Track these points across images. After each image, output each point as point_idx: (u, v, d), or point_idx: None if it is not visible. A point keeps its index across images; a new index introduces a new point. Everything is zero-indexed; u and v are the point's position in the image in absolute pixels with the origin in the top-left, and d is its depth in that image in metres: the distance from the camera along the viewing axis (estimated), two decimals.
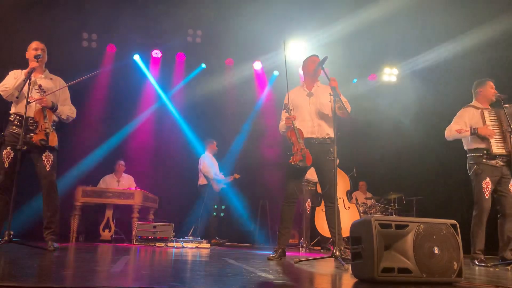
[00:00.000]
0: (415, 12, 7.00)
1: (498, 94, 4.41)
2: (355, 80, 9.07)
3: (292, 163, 3.91)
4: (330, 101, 3.88)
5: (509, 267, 3.75)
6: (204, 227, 6.91)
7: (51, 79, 4.24)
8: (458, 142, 4.63)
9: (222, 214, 7.34)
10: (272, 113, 8.35)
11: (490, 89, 4.50)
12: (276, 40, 7.94)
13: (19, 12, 6.80)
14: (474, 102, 4.58)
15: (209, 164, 7.13)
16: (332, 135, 4.08)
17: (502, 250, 4.28)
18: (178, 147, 8.18)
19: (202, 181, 7.11)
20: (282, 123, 4.18)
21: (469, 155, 4.47)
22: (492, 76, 4.65)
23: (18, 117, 3.99)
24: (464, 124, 4.44)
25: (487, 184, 4.29)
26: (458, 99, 4.98)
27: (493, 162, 4.31)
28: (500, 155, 4.30)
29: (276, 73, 8.92)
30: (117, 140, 7.91)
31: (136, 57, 8.39)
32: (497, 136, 4.33)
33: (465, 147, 4.53)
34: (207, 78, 8.61)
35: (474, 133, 4.34)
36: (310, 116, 4.12)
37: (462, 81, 7.18)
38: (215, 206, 7.15)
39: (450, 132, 4.48)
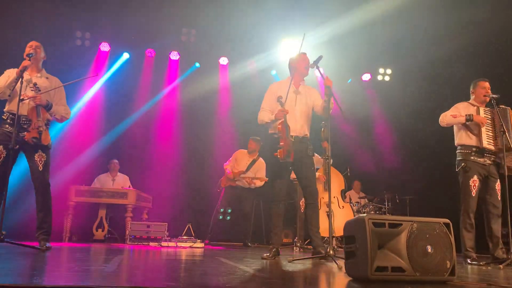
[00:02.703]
0: (410, 11, 7.03)
1: (490, 94, 4.44)
2: (350, 80, 9.10)
3: (278, 156, 3.89)
4: (325, 100, 3.90)
5: (501, 266, 3.77)
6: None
7: (47, 78, 4.22)
8: (452, 141, 4.65)
9: (228, 217, 7.15)
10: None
11: (481, 90, 4.52)
12: (271, 39, 7.95)
13: (12, 10, 6.76)
14: (470, 101, 4.61)
15: (231, 158, 7.07)
16: (308, 134, 4.16)
17: (493, 250, 4.31)
18: (172, 147, 8.16)
19: None
20: (265, 112, 4.16)
21: (458, 151, 4.49)
22: (487, 76, 4.68)
23: (11, 115, 3.96)
24: (459, 113, 4.46)
25: (474, 182, 4.31)
26: (452, 98, 5.00)
27: (481, 160, 4.34)
28: (489, 152, 4.33)
29: (273, 72, 8.91)
30: (111, 139, 7.87)
31: (126, 56, 8.32)
32: (489, 134, 4.36)
33: (456, 142, 4.55)
34: (201, 77, 8.59)
35: (469, 119, 4.34)
36: (294, 114, 4.11)
37: (456, 80, 7.25)
38: (221, 209, 7.06)
39: (445, 117, 4.47)
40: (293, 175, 4.41)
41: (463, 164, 4.37)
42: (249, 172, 6.93)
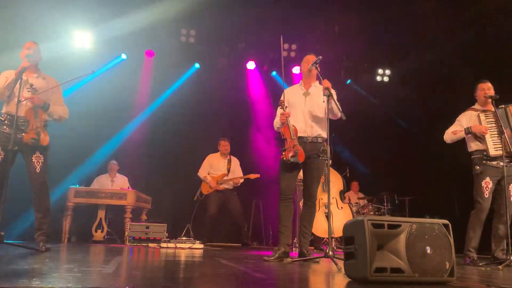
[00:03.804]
0: (407, 11, 7.04)
1: (489, 95, 4.44)
2: (349, 81, 9.10)
3: (284, 159, 3.92)
4: (323, 101, 3.90)
5: (500, 267, 3.78)
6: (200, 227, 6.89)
7: (44, 78, 4.21)
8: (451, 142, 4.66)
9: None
10: (266, 112, 8.37)
11: (480, 92, 4.55)
12: (270, 39, 7.95)
13: (10, 10, 6.75)
14: (475, 105, 4.64)
15: (203, 165, 7.09)
16: (324, 135, 4.09)
17: (494, 250, 4.32)
18: (171, 147, 8.15)
19: None
20: (277, 119, 4.18)
21: (472, 157, 4.53)
22: (490, 75, 4.69)
23: (9, 116, 3.96)
24: (460, 127, 4.54)
25: (486, 184, 4.34)
26: (450, 98, 5.01)
27: (494, 163, 4.36)
28: (500, 157, 4.32)
29: (273, 73, 8.91)
30: (110, 140, 7.87)
31: (124, 57, 8.31)
32: (495, 138, 4.35)
33: (468, 150, 4.59)
34: (200, 78, 8.59)
35: (469, 132, 4.41)
36: (304, 115, 4.12)
37: (455, 81, 7.26)
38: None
39: (447, 135, 4.60)
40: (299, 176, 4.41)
41: (476, 167, 4.43)
42: (230, 174, 6.99)
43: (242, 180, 6.98)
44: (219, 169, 7.00)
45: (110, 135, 7.88)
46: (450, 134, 4.55)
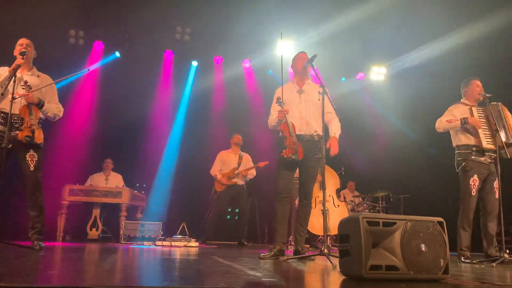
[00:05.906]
0: (402, 11, 7.05)
1: (484, 93, 4.45)
2: (343, 79, 9.12)
3: (285, 156, 3.91)
4: (319, 100, 3.88)
5: (494, 264, 3.80)
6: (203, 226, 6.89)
7: (38, 76, 4.19)
8: (446, 139, 4.67)
9: (228, 216, 7.14)
10: (262, 111, 8.35)
11: (475, 88, 4.54)
12: (266, 38, 7.94)
13: (3, 7, 6.71)
14: (463, 100, 4.62)
15: (215, 163, 7.08)
16: (320, 132, 4.09)
17: (487, 248, 4.33)
18: (165, 145, 8.14)
19: None
20: (273, 117, 4.15)
21: (458, 151, 4.48)
22: (477, 74, 4.70)
23: (2, 114, 3.93)
24: (453, 117, 4.46)
25: (474, 182, 4.32)
26: (444, 97, 5.02)
27: (482, 159, 4.34)
28: (489, 151, 4.34)
29: (271, 72, 8.90)
30: (105, 138, 7.84)
31: (119, 54, 8.27)
32: (486, 132, 4.36)
33: (454, 144, 4.54)
34: (196, 76, 8.58)
35: (465, 123, 4.35)
36: (299, 113, 4.11)
37: (448, 80, 7.27)
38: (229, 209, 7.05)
39: (441, 123, 4.49)
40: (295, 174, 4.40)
41: (463, 163, 4.37)
42: (240, 168, 6.99)
43: (254, 172, 7.02)
44: (230, 164, 7.00)
45: (104, 133, 7.85)
46: (444, 123, 4.45)
